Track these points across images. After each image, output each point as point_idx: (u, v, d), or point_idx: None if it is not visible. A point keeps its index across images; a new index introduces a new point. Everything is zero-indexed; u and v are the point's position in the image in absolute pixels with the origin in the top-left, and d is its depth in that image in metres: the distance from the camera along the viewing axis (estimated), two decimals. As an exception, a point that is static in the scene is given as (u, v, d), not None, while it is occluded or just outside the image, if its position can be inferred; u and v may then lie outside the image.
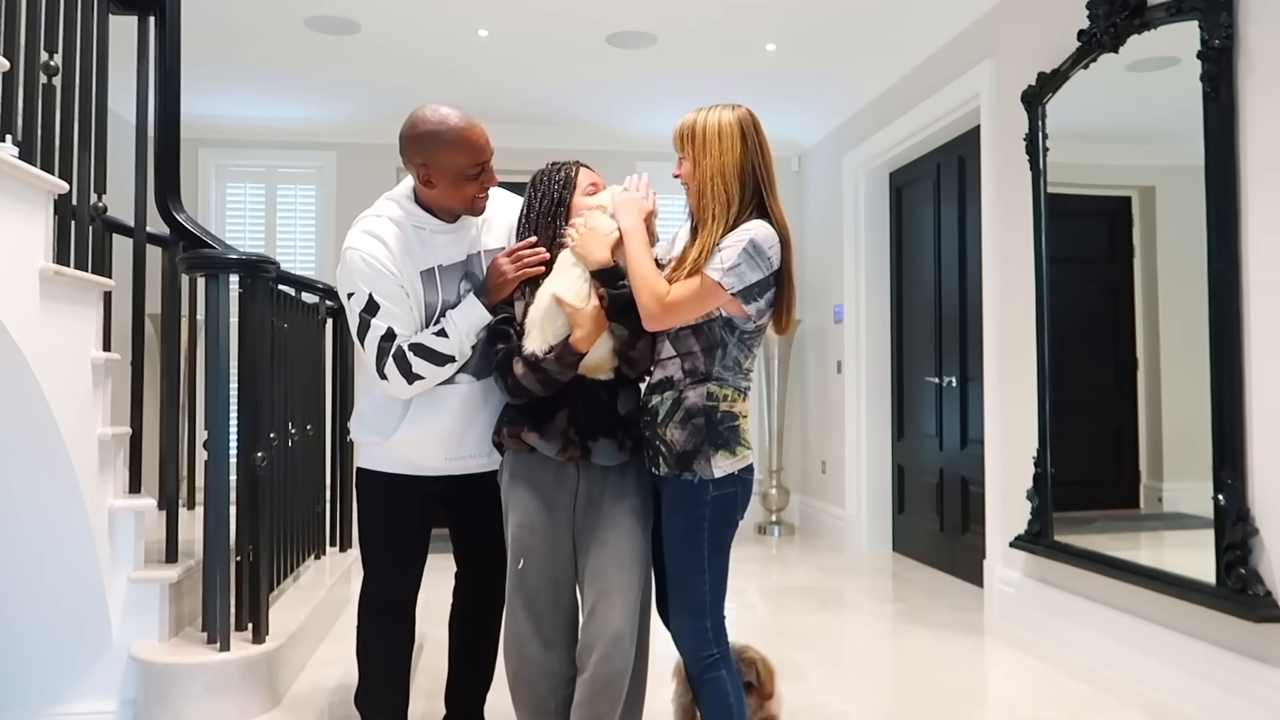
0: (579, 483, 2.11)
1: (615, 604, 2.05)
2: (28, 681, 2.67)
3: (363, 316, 2.14)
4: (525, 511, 2.11)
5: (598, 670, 2.03)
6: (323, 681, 3.07)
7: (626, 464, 2.13)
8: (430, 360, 2.13)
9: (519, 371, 2.06)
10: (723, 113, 2.09)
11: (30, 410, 2.35)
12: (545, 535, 2.10)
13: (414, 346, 2.12)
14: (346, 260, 2.17)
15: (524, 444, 2.10)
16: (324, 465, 3.88)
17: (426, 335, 2.15)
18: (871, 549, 5.56)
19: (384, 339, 2.12)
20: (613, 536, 2.08)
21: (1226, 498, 2.74)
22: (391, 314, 2.14)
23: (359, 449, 2.33)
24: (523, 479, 2.12)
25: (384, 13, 4.32)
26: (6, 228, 2.21)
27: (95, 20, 2.79)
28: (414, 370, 2.12)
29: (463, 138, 2.14)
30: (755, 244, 2.00)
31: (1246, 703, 2.70)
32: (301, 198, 6.15)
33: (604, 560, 2.07)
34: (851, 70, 5.12)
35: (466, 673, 2.46)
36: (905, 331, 5.46)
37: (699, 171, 2.08)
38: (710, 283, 1.99)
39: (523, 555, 2.10)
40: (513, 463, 2.15)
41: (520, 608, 2.11)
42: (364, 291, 2.13)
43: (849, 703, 3.03)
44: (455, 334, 2.14)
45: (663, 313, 2.00)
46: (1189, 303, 2.94)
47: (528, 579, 2.10)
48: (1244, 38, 2.76)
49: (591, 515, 2.11)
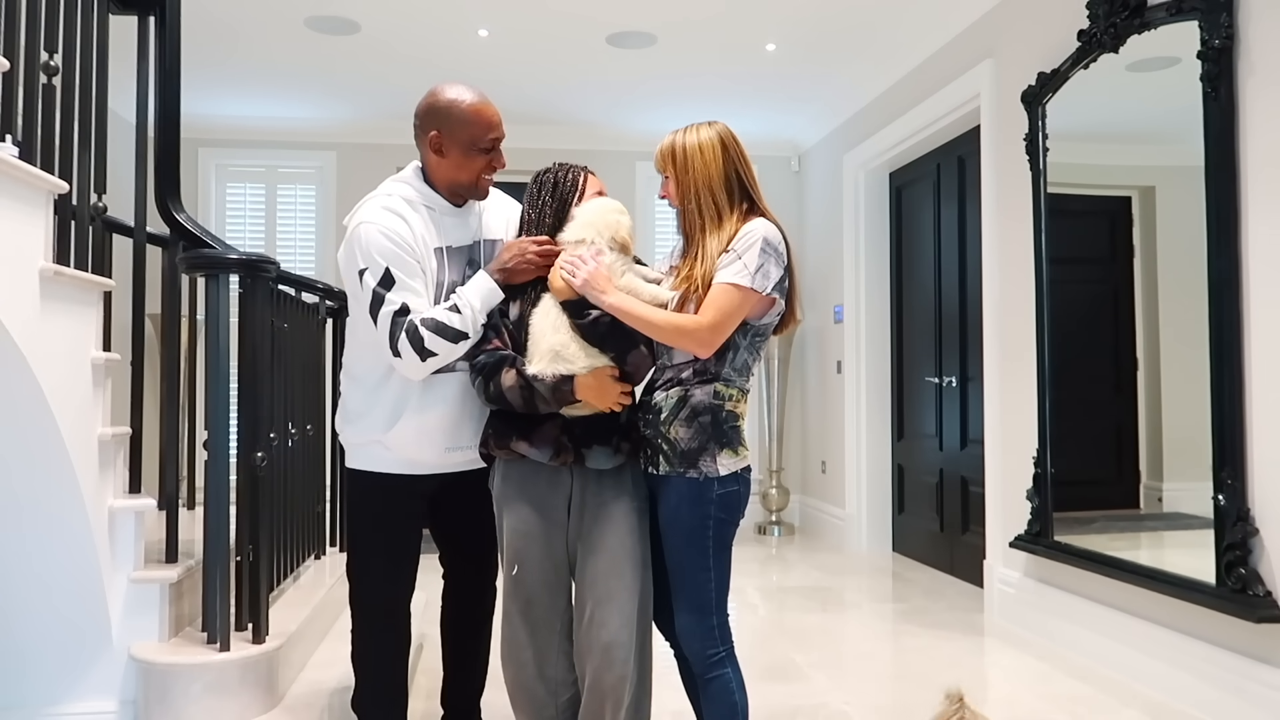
0: (573, 487, 2.09)
1: (613, 610, 2.03)
2: (27, 682, 2.67)
3: (377, 291, 2.10)
4: (519, 517, 2.08)
5: (597, 679, 2.02)
6: (323, 681, 3.07)
7: (623, 466, 2.11)
8: (444, 336, 2.09)
9: (507, 383, 2.03)
10: (700, 130, 2.13)
11: (30, 410, 2.35)
12: (540, 541, 2.08)
13: (427, 321, 2.09)
14: (361, 235, 2.13)
15: (514, 453, 2.08)
16: (324, 465, 3.88)
17: (440, 311, 2.11)
18: (871, 549, 5.56)
19: (398, 314, 2.09)
20: (610, 541, 2.06)
21: (1226, 498, 2.74)
22: (407, 289, 2.11)
23: (350, 450, 2.31)
24: (515, 484, 2.10)
25: (384, 13, 4.32)
26: (6, 228, 2.21)
27: (95, 20, 2.78)
28: (427, 346, 2.08)
29: (479, 109, 2.19)
30: (768, 240, 2.03)
31: (1246, 703, 2.70)
32: (301, 198, 6.15)
33: (601, 565, 2.05)
34: (851, 70, 5.12)
35: (461, 674, 2.46)
36: (905, 331, 5.46)
37: (683, 188, 2.10)
38: (743, 289, 2.00)
39: (517, 561, 2.08)
40: (504, 469, 2.12)
41: (516, 614, 2.10)
42: (380, 265, 2.10)
43: (849, 703, 3.03)
44: (469, 310, 2.11)
45: (712, 338, 2.00)
46: (1189, 303, 2.94)
47: (523, 585, 2.08)
48: (1244, 38, 2.76)
49: (588, 519, 2.08)
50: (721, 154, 2.09)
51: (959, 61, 4.41)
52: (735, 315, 2.01)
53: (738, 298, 2.00)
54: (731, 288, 1.99)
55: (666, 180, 2.15)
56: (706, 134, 2.11)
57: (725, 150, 2.10)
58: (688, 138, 2.11)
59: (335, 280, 3.39)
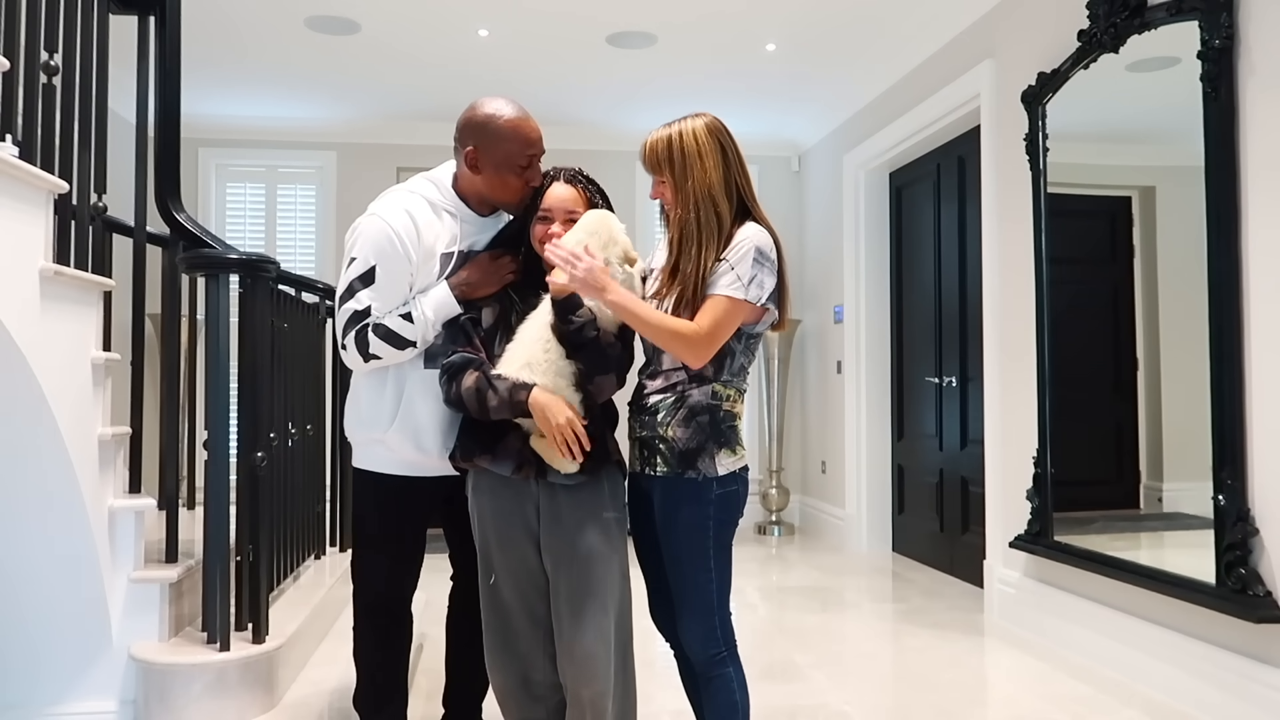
0: (540, 499, 2.06)
1: (585, 624, 2.00)
2: (28, 681, 2.67)
3: (353, 283, 2.13)
4: (490, 528, 2.08)
5: (576, 693, 2.01)
6: (323, 681, 3.07)
7: (597, 475, 2.07)
8: (390, 343, 2.12)
9: (466, 384, 2.01)
10: (694, 125, 2.05)
11: (30, 410, 2.35)
12: (511, 551, 2.07)
13: (379, 328, 2.11)
14: (367, 227, 2.13)
15: (479, 466, 2.08)
16: (324, 465, 3.88)
17: (392, 318, 2.13)
18: (871, 549, 5.56)
19: (360, 313, 2.12)
20: (579, 553, 2.02)
21: (1226, 498, 2.74)
22: (380, 294, 2.12)
23: (356, 449, 2.32)
24: (486, 494, 2.09)
25: (384, 13, 4.32)
26: (6, 228, 2.21)
27: (95, 20, 2.79)
28: (372, 350, 2.12)
29: (517, 126, 2.15)
30: (760, 250, 2.01)
31: (1246, 703, 2.70)
32: (301, 198, 6.15)
33: (570, 578, 2.02)
34: (851, 70, 5.12)
35: (464, 676, 2.46)
36: (905, 331, 5.46)
37: (683, 196, 2.03)
38: (736, 301, 1.97)
39: (492, 571, 2.09)
40: (475, 480, 2.12)
41: (495, 623, 2.10)
42: (369, 260, 2.11)
43: (849, 703, 3.03)
44: (422, 320, 2.12)
45: (707, 348, 1.97)
46: (1189, 303, 2.94)
47: (499, 595, 2.09)
48: (1244, 38, 2.76)
49: (557, 531, 2.05)
50: (721, 159, 2.03)
51: (959, 61, 4.40)
52: (729, 327, 1.99)
53: (733, 310, 1.98)
54: (726, 300, 1.97)
55: (661, 183, 2.08)
56: (701, 131, 2.03)
57: (724, 154, 2.04)
58: (684, 136, 2.03)
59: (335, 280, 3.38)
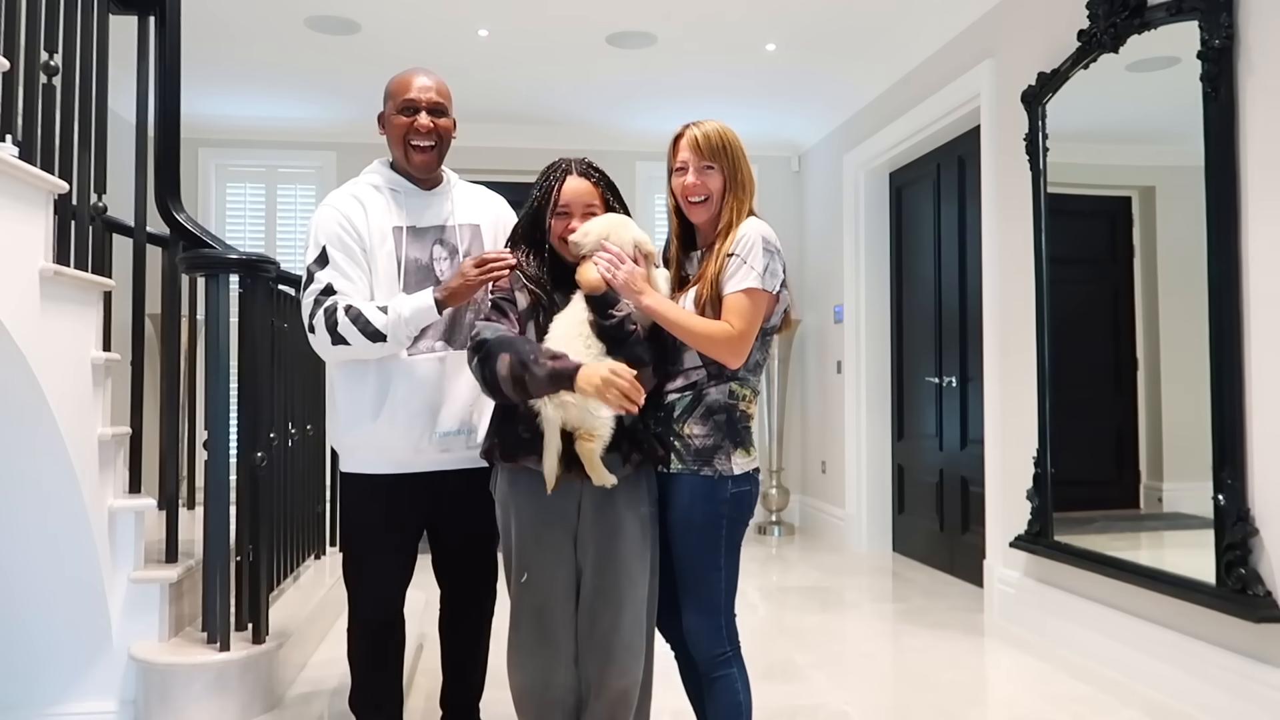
0: (583, 494, 2.04)
1: (626, 617, 2.02)
2: (28, 682, 2.67)
3: (310, 268, 2.18)
4: (529, 524, 2.05)
5: (612, 684, 2.01)
6: (323, 681, 3.07)
7: (638, 472, 2.07)
8: (359, 328, 2.11)
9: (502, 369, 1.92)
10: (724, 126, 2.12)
11: (30, 410, 2.35)
12: (549, 548, 2.04)
13: (350, 309, 2.12)
14: (316, 216, 2.24)
15: (523, 467, 2.04)
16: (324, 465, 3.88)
17: (369, 306, 2.13)
18: (871, 549, 5.56)
19: (322, 292, 2.15)
20: (623, 549, 2.03)
21: (1226, 498, 2.74)
22: (338, 272, 2.16)
23: (343, 455, 2.31)
24: (524, 491, 2.06)
25: (384, 13, 4.32)
26: (6, 228, 2.21)
27: (95, 20, 2.78)
28: (340, 331, 2.11)
29: (402, 77, 2.28)
30: (766, 240, 2.05)
31: (1246, 703, 2.70)
32: (301, 198, 6.15)
33: (614, 573, 2.03)
34: (851, 70, 5.12)
35: (460, 676, 2.46)
36: (905, 331, 5.46)
37: (732, 186, 2.08)
38: (756, 292, 2.00)
39: (527, 569, 2.05)
40: (510, 475, 2.08)
41: (525, 621, 2.06)
42: (319, 244, 2.18)
43: (849, 703, 3.03)
44: (397, 316, 2.11)
45: (743, 347, 2.01)
46: (1189, 303, 2.94)
47: (533, 592, 2.05)
48: (1244, 38, 2.76)
49: (599, 526, 2.04)
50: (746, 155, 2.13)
51: (959, 61, 4.40)
52: (758, 319, 2.02)
53: (758, 302, 2.00)
54: (746, 295, 1.99)
55: (710, 170, 2.07)
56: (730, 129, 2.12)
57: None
58: (727, 131, 2.11)
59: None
